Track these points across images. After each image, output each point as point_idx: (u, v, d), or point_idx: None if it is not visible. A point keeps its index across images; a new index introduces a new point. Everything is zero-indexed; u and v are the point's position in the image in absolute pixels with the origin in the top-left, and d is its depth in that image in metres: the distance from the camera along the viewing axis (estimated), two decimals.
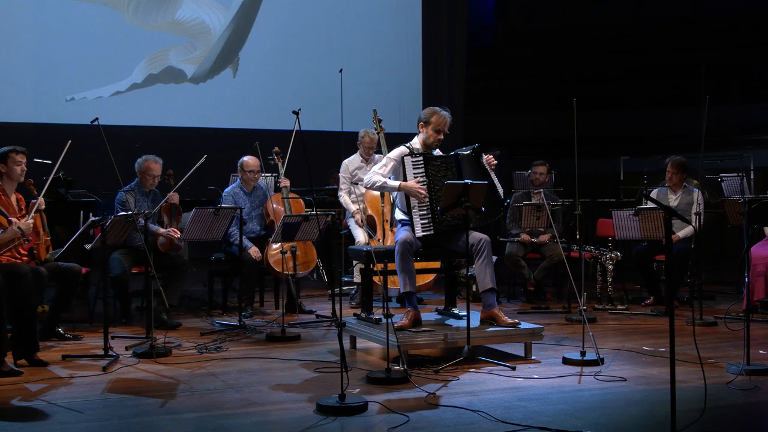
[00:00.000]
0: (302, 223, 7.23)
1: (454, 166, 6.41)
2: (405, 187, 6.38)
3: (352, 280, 8.96)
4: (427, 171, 6.39)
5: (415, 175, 6.37)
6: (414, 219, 6.36)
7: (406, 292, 6.25)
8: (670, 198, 8.75)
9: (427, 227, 6.36)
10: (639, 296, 9.04)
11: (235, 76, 13.03)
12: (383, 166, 6.53)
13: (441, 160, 6.44)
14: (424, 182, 6.37)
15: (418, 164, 6.40)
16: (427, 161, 6.40)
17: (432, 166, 6.40)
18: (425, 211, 6.36)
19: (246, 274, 8.03)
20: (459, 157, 6.42)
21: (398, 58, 14.00)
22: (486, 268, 6.27)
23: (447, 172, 6.39)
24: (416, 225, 6.35)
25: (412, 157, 6.41)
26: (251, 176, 8.46)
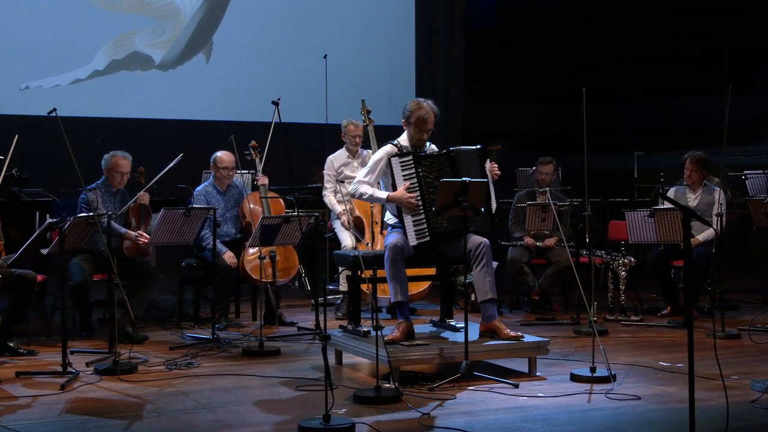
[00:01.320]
0: (282, 226, 7.22)
1: (448, 165, 6.39)
2: (393, 199, 6.38)
3: (337, 289, 8.96)
4: (417, 172, 6.37)
5: (405, 178, 6.35)
6: (407, 225, 6.34)
7: (398, 301, 6.25)
8: (689, 197, 8.77)
9: (421, 234, 6.35)
10: (655, 306, 9.06)
11: (208, 63, 13.02)
12: (369, 172, 6.52)
13: (432, 159, 6.42)
14: (414, 186, 6.34)
15: (407, 165, 6.39)
16: (418, 161, 6.38)
17: (422, 166, 6.38)
18: (419, 216, 6.35)
19: (220, 282, 8.02)
20: (454, 155, 6.41)
21: (389, 42, 14.00)
22: (485, 276, 6.28)
23: (441, 172, 6.36)
24: (409, 233, 6.33)
25: (400, 157, 6.40)
26: (225, 173, 8.46)
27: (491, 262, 6.36)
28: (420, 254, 6.43)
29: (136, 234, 7.73)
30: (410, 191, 6.34)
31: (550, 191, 9.03)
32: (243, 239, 8.36)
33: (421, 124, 6.43)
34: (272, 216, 7.51)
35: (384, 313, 8.63)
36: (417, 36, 14.25)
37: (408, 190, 6.34)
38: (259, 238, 7.21)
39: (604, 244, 9.59)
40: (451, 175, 6.30)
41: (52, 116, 6.35)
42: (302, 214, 7.47)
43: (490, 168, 6.49)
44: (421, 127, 6.44)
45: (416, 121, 6.43)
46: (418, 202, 6.33)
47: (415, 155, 6.39)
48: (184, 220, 7.32)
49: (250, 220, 8.25)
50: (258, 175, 8.45)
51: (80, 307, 7.75)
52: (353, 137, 8.89)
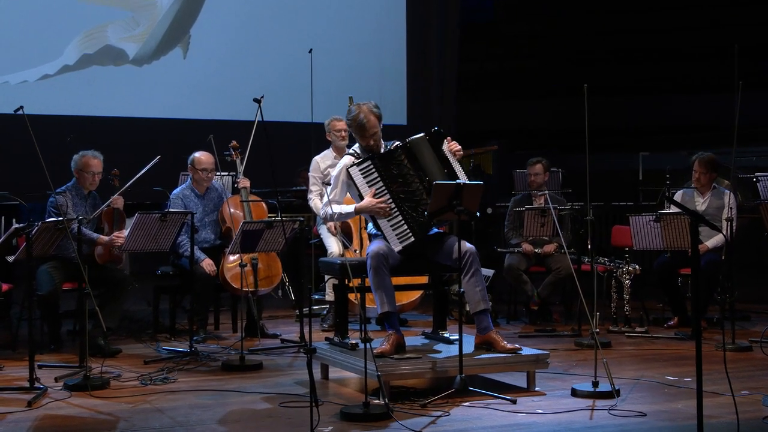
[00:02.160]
0: (265, 231, 7.22)
1: (407, 159, 6.37)
2: (362, 209, 6.39)
3: (323, 299, 8.96)
4: (380, 174, 6.36)
5: (369, 184, 6.35)
6: (386, 231, 6.33)
7: (385, 312, 6.25)
8: (697, 201, 8.80)
9: (404, 236, 6.34)
10: (661, 317, 9.08)
11: (185, 57, 13.00)
12: (333, 188, 6.55)
13: (388, 156, 6.39)
14: (382, 189, 6.34)
15: (367, 171, 6.37)
16: (376, 163, 6.35)
17: (382, 165, 6.35)
18: (396, 218, 6.35)
19: (198, 292, 8.01)
20: (409, 146, 6.40)
21: (379, 35, 14.00)
22: (476, 286, 6.28)
23: (401, 168, 6.35)
24: (390, 238, 6.33)
25: (358, 165, 6.39)
26: (204, 175, 8.45)
27: (480, 269, 6.36)
28: (408, 261, 6.43)
29: (109, 238, 7.72)
30: (378, 196, 6.34)
31: (549, 194, 9.04)
32: (223, 246, 8.35)
33: (361, 130, 6.42)
34: (254, 221, 7.50)
35: (373, 325, 8.62)
36: (408, 29, 14.25)
37: (376, 196, 6.34)
38: (239, 245, 7.20)
39: (607, 251, 9.61)
40: (413, 167, 6.32)
41: (19, 114, 6.34)
42: (286, 218, 7.46)
43: (450, 147, 6.43)
44: (362, 134, 6.44)
45: (357, 128, 6.44)
46: (389, 205, 6.32)
47: (371, 158, 6.38)
48: (160, 225, 7.31)
49: (231, 225, 8.24)
50: (239, 178, 8.45)
51: (49, 318, 7.74)
52: (338, 132, 8.89)
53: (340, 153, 8.94)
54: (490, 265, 9.17)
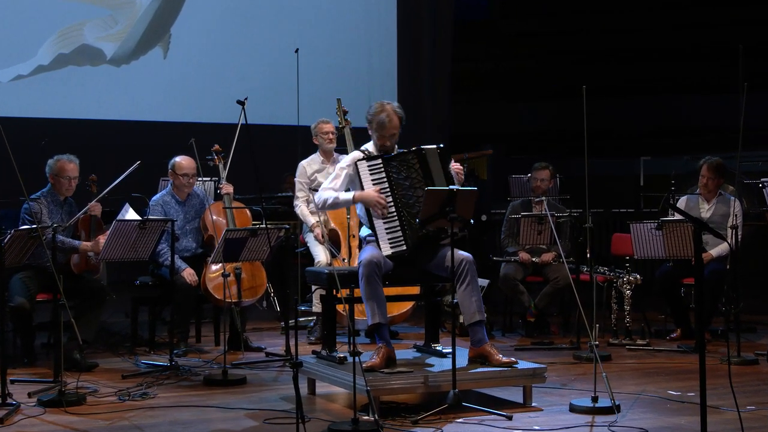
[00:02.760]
0: (249, 239, 7.22)
1: (419, 165, 6.41)
2: (361, 198, 6.41)
3: (310, 310, 8.96)
4: (388, 176, 6.39)
5: (374, 182, 6.38)
6: (379, 233, 6.36)
7: (376, 324, 6.25)
8: (702, 208, 8.82)
9: (396, 242, 6.36)
10: (663, 328, 9.09)
11: (165, 57, 13.01)
12: (335, 178, 6.56)
13: (400, 158, 6.44)
14: (386, 190, 6.36)
15: (375, 169, 6.40)
16: (387, 162, 6.39)
17: (391, 167, 6.39)
18: (393, 222, 6.37)
19: (179, 303, 8.00)
20: (424, 153, 6.43)
21: (368, 34, 14.02)
22: (471, 296, 6.29)
23: (410, 172, 6.38)
24: (382, 241, 6.35)
25: (368, 161, 6.42)
26: (185, 181, 8.45)
27: (476, 279, 6.37)
28: (399, 270, 6.44)
29: (93, 242, 7.70)
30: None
31: (547, 201, 9.05)
32: (205, 254, 8.35)
33: (381, 128, 6.46)
34: (237, 228, 7.50)
35: (362, 337, 8.62)
36: (399, 28, 14.27)
37: None
38: (222, 253, 7.20)
39: (607, 260, 9.62)
40: (422, 174, 6.35)
41: None
42: (271, 226, 7.47)
43: (454, 167, 6.49)
44: (381, 132, 6.47)
45: (377, 125, 6.47)
46: (388, 200, 6.34)
47: (383, 157, 6.41)
48: (139, 233, 7.30)
49: (213, 233, 8.24)
50: (221, 183, 8.44)
51: (22, 331, 7.72)
52: (326, 135, 8.91)
53: (328, 157, 8.96)
54: (484, 274, 9.17)
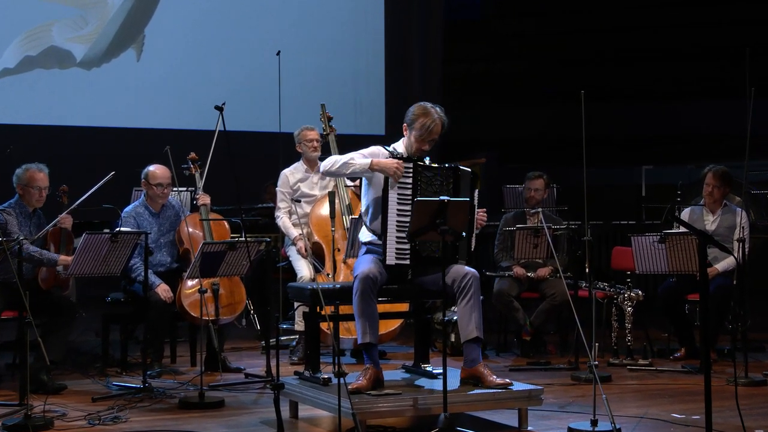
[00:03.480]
0: (227, 253, 7.21)
1: (452, 183, 6.41)
2: (379, 164, 6.33)
3: (292, 328, 8.96)
4: (416, 183, 6.36)
5: (399, 186, 6.35)
6: (388, 241, 6.33)
7: (365, 343, 6.25)
8: (707, 220, 8.84)
9: (402, 255, 6.35)
10: (666, 347, 9.11)
11: (139, 60, 13.00)
12: (355, 155, 6.48)
13: (435, 171, 6.42)
14: (407, 198, 6.31)
15: (405, 173, 6.37)
16: (418, 170, 6.38)
17: (423, 177, 6.38)
18: (405, 233, 6.33)
19: (153, 320, 7.99)
20: (459, 173, 6.43)
21: (353, 35, 14.04)
22: (471, 312, 6.30)
23: (442, 189, 6.36)
24: (389, 249, 6.32)
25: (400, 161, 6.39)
26: (159, 191, 8.44)
27: (479, 295, 6.38)
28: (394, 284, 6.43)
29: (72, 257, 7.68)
30: (401, 202, 6.33)
31: (543, 212, 9.07)
32: (180, 269, 8.34)
33: (426, 134, 6.46)
34: (215, 242, 7.49)
35: (348, 357, 8.63)
36: (387, 28, 14.29)
37: (399, 200, 6.32)
38: (199, 268, 7.19)
39: (607, 275, 9.63)
40: (453, 195, 6.31)
41: None
42: (251, 239, 7.47)
43: (479, 216, 6.51)
44: (425, 137, 6.46)
45: (421, 129, 6.45)
46: (407, 209, 6.28)
47: (415, 163, 6.39)
48: (110, 246, 7.29)
49: (189, 246, 8.23)
50: (198, 194, 8.44)
51: None
52: (309, 142, 8.93)
53: (312, 166, 8.97)
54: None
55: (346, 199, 8.75)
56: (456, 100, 17.29)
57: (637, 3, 18.27)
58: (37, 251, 7.49)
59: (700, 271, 4.49)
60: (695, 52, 17.90)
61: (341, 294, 6.45)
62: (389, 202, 6.33)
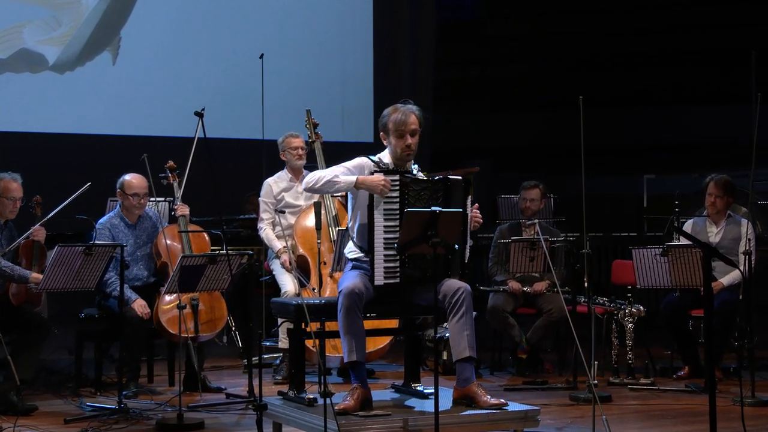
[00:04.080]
0: (207, 267, 7.21)
1: (441, 195, 6.40)
2: (365, 182, 6.33)
3: (276, 346, 8.95)
4: (403, 197, 6.36)
5: (385, 201, 6.34)
6: (375, 260, 6.32)
7: (352, 361, 6.25)
8: (710, 231, 8.85)
9: (391, 273, 6.34)
10: (669, 366, 9.12)
11: (115, 63, 12.99)
12: (338, 170, 6.48)
13: (425, 184, 6.41)
14: (394, 213, 6.31)
15: (392, 186, 6.37)
16: (405, 184, 6.37)
17: (411, 190, 6.38)
18: (394, 250, 6.33)
19: (128, 338, 7.97)
20: (450, 184, 6.43)
21: (340, 37, 14.04)
22: (464, 329, 6.30)
23: (431, 203, 6.36)
24: (377, 268, 6.31)
25: (385, 174, 6.39)
26: (136, 201, 8.43)
27: (472, 311, 6.38)
28: (382, 300, 6.43)
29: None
30: (387, 217, 6.32)
31: (539, 224, 9.07)
32: (158, 284, 8.33)
33: (401, 125, 6.47)
34: (194, 255, 7.49)
35: (334, 376, 8.62)
36: (376, 30, 14.29)
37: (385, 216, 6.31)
38: (177, 283, 7.18)
39: (607, 290, 9.64)
40: (444, 207, 6.29)
41: None
42: (232, 252, 7.46)
43: (473, 214, 6.51)
44: (402, 130, 6.47)
45: (394, 124, 6.47)
46: (394, 225, 6.28)
47: (402, 177, 6.38)
48: (84, 259, 7.28)
49: (167, 260, 8.22)
50: (176, 204, 8.43)
51: None
52: (294, 150, 8.93)
53: (297, 175, 8.97)
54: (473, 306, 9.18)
55: (332, 210, 8.75)
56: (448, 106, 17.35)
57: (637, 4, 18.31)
58: (8, 266, 7.48)
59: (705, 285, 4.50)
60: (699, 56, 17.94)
61: (327, 309, 6.44)
62: (375, 220, 6.33)
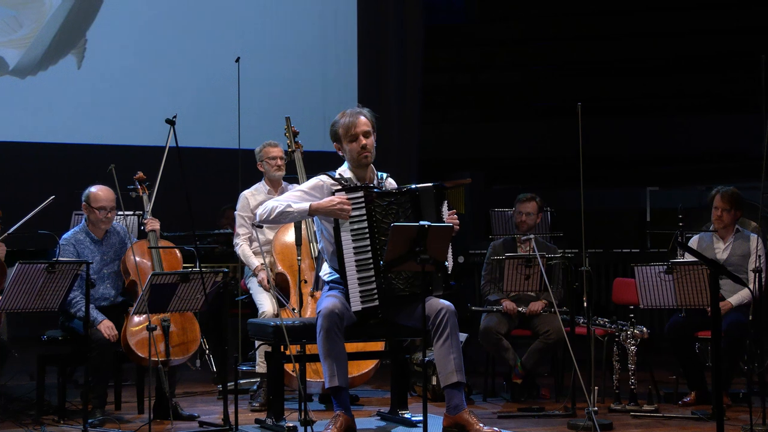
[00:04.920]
0: (179, 286, 7.19)
1: (410, 207, 6.42)
2: (319, 209, 6.37)
3: (253, 370, 8.92)
4: (369, 215, 6.37)
5: (352, 220, 6.35)
6: (350, 284, 6.34)
7: (334, 387, 6.25)
8: (717, 248, 8.86)
9: (368, 296, 6.35)
10: (675, 391, 9.12)
11: (80, 67, 12.98)
12: (293, 196, 6.55)
13: (391, 197, 6.43)
14: (363, 232, 6.33)
15: (355, 203, 6.38)
16: (370, 198, 6.38)
17: (377, 206, 6.39)
18: (368, 272, 6.34)
19: (94, 362, 7.95)
20: (418, 194, 6.44)
21: (323, 41, 14.06)
22: (450, 353, 6.30)
23: (400, 217, 6.37)
24: (352, 293, 6.33)
25: (347, 192, 6.40)
26: (102, 215, 8.41)
27: (457, 333, 6.39)
28: (364, 323, 6.43)
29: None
30: (356, 238, 6.33)
31: (535, 239, 9.08)
32: (126, 304, 8.31)
33: (352, 129, 6.57)
34: (165, 272, 7.47)
35: (316, 403, 8.60)
36: (360, 33, 14.32)
37: (354, 237, 6.33)
38: (147, 303, 7.17)
39: (608, 310, 9.65)
40: (414, 219, 6.31)
41: None
42: (206, 269, 7.45)
43: (450, 217, 6.52)
44: (352, 132, 6.54)
45: (344, 128, 6.57)
46: (365, 245, 6.31)
47: (366, 190, 6.39)
48: (47, 277, 7.26)
49: (136, 278, 8.20)
50: (146, 218, 8.42)
51: None
52: (273, 160, 8.91)
53: (275, 187, 8.96)
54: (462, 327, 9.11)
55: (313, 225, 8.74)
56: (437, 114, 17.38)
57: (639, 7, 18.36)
58: None
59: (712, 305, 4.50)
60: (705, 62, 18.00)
61: (308, 331, 6.44)
62: (343, 242, 6.36)
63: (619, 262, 11.21)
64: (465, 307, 9.56)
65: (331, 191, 6.46)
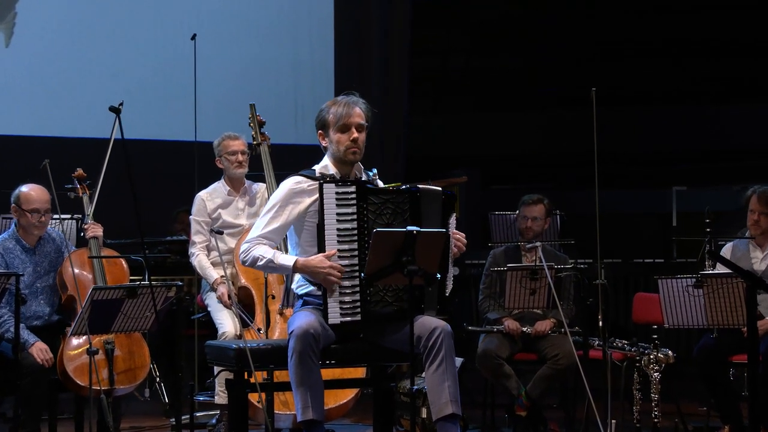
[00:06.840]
0: (125, 302, 7.18)
1: (408, 208, 6.41)
2: (305, 268, 6.39)
3: (212, 401, 8.92)
4: (360, 214, 6.36)
5: (339, 218, 6.34)
6: (329, 295, 6.33)
7: (308, 420, 6.25)
8: (754, 257, 8.87)
9: (349, 310, 6.35)
10: (705, 426, 9.15)
11: (8, 45, 12.97)
12: (271, 218, 6.52)
13: (388, 195, 6.41)
14: (351, 234, 6.33)
15: (344, 200, 6.36)
16: (363, 195, 6.37)
17: (371, 203, 6.38)
18: (353, 280, 6.33)
19: (25, 390, 7.93)
20: (419, 195, 6.43)
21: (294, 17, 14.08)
22: (444, 380, 6.30)
23: (395, 218, 6.37)
24: (331, 304, 6.33)
25: (337, 185, 6.38)
26: (35, 219, 8.38)
27: (453, 357, 6.38)
28: (343, 344, 6.43)
29: None
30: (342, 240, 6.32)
31: (543, 248, 9.09)
32: (62, 323, 8.30)
33: (345, 117, 6.54)
34: (109, 286, 7.45)
35: None
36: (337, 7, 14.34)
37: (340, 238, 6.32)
38: (87, 322, 7.15)
39: (627, 330, 9.66)
40: (411, 224, 6.30)
41: None
42: (156, 283, 7.43)
43: (454, 234, 6.52)
44: (345, 122, 6.52)
45: (335, 117, 6.53)
46: (352, 248, 6.31)
47: (359, 186, 6.38)
48: None
49: (74, 292, 8.19)
50: (87, 223, 8.40)
51: None
52: (233, 155, 8.87)
53: (237, 187, 8.93)
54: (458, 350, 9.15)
55: None
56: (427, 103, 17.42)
57: None
58: None
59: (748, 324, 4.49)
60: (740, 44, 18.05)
61: (277, 355, 6.42)
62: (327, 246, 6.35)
63: (640, 274, 11.24)
64: (460, 327, 9.55)
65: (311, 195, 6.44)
